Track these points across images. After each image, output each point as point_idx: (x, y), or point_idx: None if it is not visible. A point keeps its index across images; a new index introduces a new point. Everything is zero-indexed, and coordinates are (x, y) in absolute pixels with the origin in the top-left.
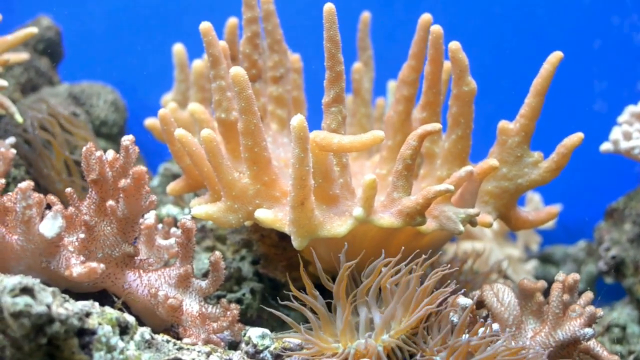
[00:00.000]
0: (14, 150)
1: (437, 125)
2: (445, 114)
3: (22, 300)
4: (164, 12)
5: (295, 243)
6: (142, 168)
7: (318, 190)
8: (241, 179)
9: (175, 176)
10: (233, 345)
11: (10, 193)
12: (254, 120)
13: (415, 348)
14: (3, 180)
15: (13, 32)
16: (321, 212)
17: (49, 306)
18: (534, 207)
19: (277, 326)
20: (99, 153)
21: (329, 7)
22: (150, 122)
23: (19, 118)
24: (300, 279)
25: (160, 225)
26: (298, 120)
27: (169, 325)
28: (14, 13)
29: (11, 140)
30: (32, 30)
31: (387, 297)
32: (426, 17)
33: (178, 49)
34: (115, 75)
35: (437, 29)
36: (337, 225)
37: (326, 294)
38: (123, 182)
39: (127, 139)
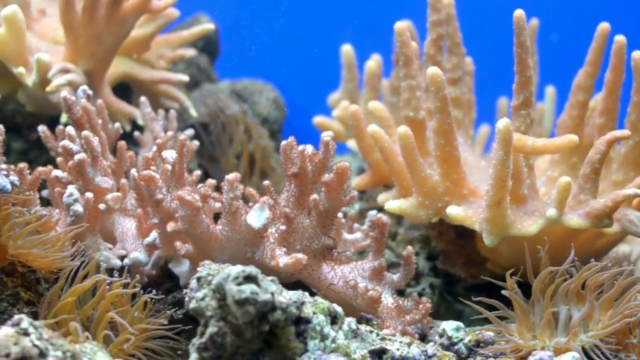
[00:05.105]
0: (197, 142)
1: (627, 132)
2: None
3: (248, 288)
4: (314, 13)
5: (488, 240)
6: (345, 163)
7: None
8: (432, 176)
9: None
10: (421, 338)
11: (202, 184)
12: (448, 120)
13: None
14: (199, 172)
15: (173, 30)
16: (512, 211)
17: (273, 294)
18: None
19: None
20: (300, 147)
21: (519, 13)
22: (319, 120)
23: (193, 113)
24: (479, 276)
25: (343, 220)
26: (504, 123)
27: (358, 317)
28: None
29: (190, 132)
30: (209, 26)
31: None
32: (604, 26)
33: (346, 49)
34: (269, 73)
35: (620, 38)
36: (528, 225)
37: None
38: (327, 177)
39: (327, 135)
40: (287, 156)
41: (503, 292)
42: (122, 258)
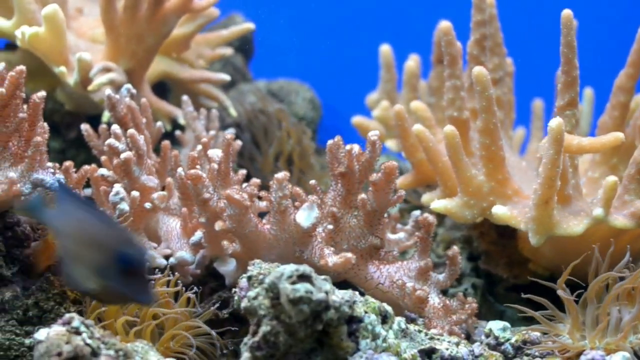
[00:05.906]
0: (239, 142)
1: None
2: None
3: (303, 287)
4: (345, 12)
5: (534, 240)
6: (393, 163)
7: None
8: (477, 175)
9: None
10: (465, 338)
11: (247, 184)
12: (494, 120)
13: None
14: (244, 171)
15: (209, 30)
16: (557, 211)
17: (327, 293)
18: None
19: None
20: (348, 147)
21: (567, 13)
22: (358, 120)
23: (233, 112)
24: (521, 276)
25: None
26: (557, 122)
27: (403, 316)
28: None
29: (231, 131)
30: (249, 26)
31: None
32: None
33: (385, 49)
34: (301, 74)
35: None
36: (574, 225)
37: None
38: (375, 176)
39: (374, 134)
40: (334, 155)
41: (558, 292)
42: (166, 257)
